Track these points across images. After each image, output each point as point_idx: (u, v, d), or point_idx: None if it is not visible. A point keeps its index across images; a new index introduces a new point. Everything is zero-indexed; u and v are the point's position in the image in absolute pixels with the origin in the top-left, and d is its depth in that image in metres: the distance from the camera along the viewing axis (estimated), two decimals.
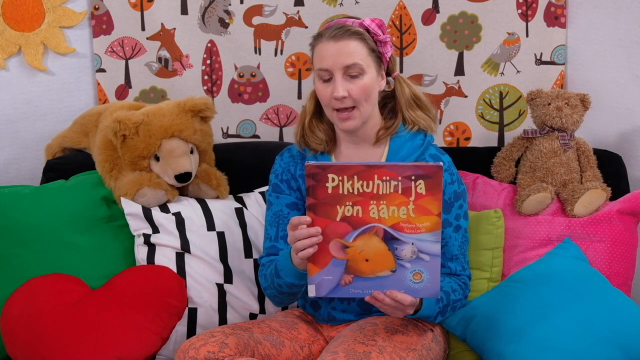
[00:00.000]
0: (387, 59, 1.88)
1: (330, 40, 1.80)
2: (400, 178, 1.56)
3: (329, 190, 1.58)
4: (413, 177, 1.56)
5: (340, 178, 1.58)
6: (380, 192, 1.57)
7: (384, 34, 1.84)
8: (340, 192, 1.58)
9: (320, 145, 1.93)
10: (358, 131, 1.88)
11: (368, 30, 1.84)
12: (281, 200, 1.95)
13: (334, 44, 1.79)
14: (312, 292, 1.64)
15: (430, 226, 1.58)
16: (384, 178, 1.57)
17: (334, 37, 1.80)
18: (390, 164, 1.59)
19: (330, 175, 1.58)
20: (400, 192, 1.57)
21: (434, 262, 1.60)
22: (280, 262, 1.81)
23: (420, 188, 1.56)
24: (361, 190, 1.58)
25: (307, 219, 1.61)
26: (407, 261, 1.60)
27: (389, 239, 1.59)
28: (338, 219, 1.60)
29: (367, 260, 1.61)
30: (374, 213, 1.59)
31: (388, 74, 1.91)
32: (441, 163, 1.57)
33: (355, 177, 1.57)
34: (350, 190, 1.58)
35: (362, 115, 1.84)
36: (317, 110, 1.94)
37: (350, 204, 1.59)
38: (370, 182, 1.57)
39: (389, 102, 1.95)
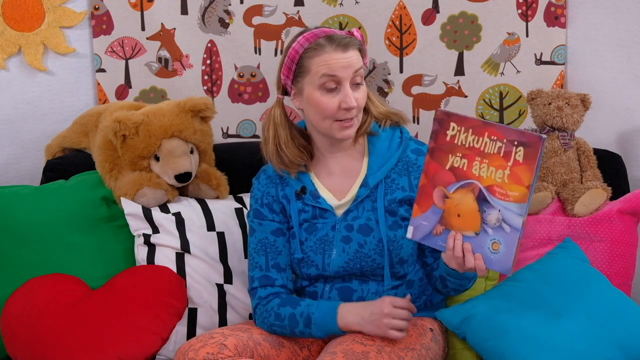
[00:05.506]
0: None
1: (338, 51, 1.78)
2: (505, 140, 1.58)
3: (447, 138, 1.64)
4: (516, 142, 1.57)
5: (459, 128, 1.63)
6: (486, 151, 1.60)
7: (365, 44, 1.86)
8: (456, 141, 1.63)
9: (302, 161, 1.89)
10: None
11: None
12: (265, 227, 1.92)
13: (343, 54, 1.79)
14: (409, 233, 1.69)
15: (518, 197, 1.58)
16: (493, 137, 1.59)
17: (343, 48, 1.79)
18: (501, 125, 1.61)
19: (452, 124, 1.63)
20: (502, 154, 1.59)
21: (512, 236, 1.59)
22: (319, 317, 1.80)
23: (519, 155, 1.57)
24: (471, 145, 1.61)
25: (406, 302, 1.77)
26: (490, 227, 1.61)
27: (481, 200, 1.61)
28: (447, 167, 1.64)
29: (458, 216, 1.64)
30: (475, 169, 1.61)
31: None
32: (545, 135, 1.57)
33: (471, 130, 1.62)
34: (463, 142, 1.62)
35: (359, 121, 1.85)
36: (287, 124, 1.90)
37: (460, 155, 1.63)
38: (481, 139, 1.61)
39: None
